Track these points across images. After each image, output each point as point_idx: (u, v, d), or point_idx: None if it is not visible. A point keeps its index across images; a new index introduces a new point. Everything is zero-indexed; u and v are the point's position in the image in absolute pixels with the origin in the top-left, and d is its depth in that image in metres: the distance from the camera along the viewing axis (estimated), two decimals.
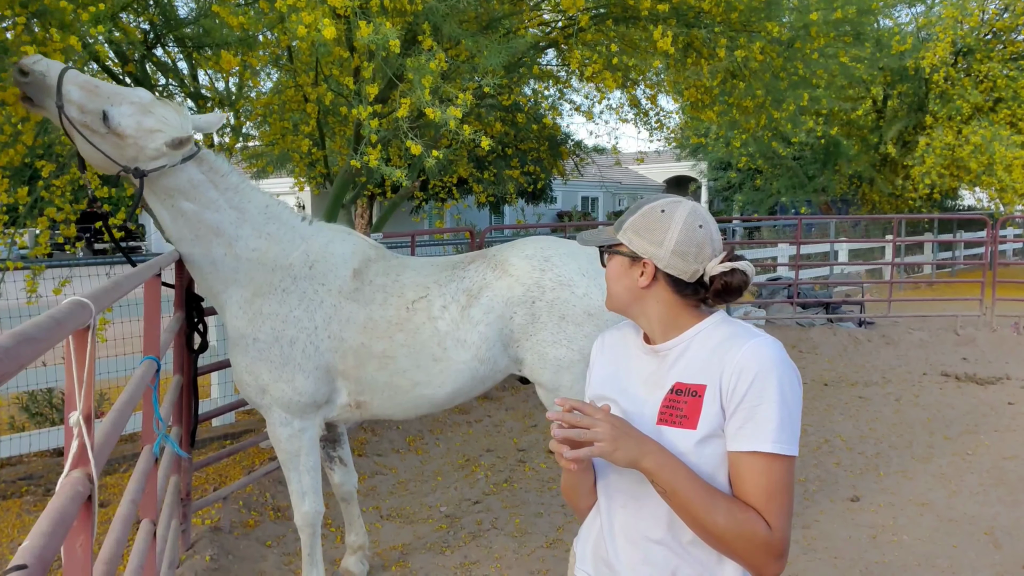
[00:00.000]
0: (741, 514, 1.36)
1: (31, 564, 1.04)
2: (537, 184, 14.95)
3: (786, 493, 1.38)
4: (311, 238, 3.21)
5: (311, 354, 3.10)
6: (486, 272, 3.23)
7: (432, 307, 3.16)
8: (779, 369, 1.39)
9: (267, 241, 3.12)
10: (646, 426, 1.47)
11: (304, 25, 3.76)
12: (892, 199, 15.62)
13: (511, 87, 7.16)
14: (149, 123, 2.85)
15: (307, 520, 3.32)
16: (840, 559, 3.97)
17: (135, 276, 2.26)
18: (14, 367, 0.98)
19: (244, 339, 3.12)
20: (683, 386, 1.45)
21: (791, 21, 6.41)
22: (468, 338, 3.14)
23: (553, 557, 4.01)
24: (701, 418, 1.42)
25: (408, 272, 3.27)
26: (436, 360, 3.15)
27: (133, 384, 2.18)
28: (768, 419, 1.37)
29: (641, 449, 1.38)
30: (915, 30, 14.05)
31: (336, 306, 3.14)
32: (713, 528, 1.36)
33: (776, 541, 1.35)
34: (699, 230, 1.46)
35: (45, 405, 5.95)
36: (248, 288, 3.11)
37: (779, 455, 1.37)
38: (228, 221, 3.06)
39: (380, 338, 3.14)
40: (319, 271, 3.16)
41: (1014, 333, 9.19)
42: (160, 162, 2.90)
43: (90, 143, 2.83)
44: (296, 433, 3.20)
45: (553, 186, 19.22)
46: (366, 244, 3.37)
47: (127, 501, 2.09)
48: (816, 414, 6.62)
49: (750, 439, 1.37)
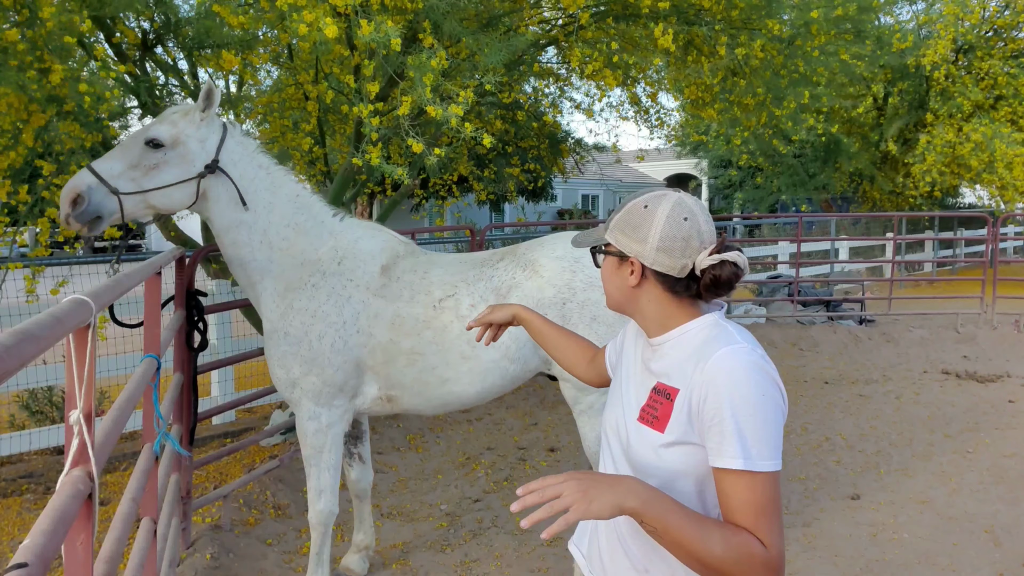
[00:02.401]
0: (735, 538, 1.28)
1: (32, 562, 1.04)
2: (538, 182, 14.96)
3: (773, 507, 1.31)
4: (340, 234, 3.24)
5: (340, 349, 3.12)
6: (515, 271, 3.24)
7: (460, 306, 3.17)
8: (752, 380, 1.32)
9: (295, 232, 3.14)
10: (630, 418, 1.49)
11: (305, 24, 3.76)
12: (893, 197, 15.61)
13: (511, 85, 7.15)
14: (177, 116, 2.94)
15: (320, 519, 3.33)
16: (840, 557, 3.97)
17: (135, 274, 2.26)
18: (15, 365, 0.98)
19: (276, 333, 3.16)
20: (662, 387, 1.44)
21: (792, 19, 6.41)
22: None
23: (553, 555, 4.01)
24: (669, 423, 1.40)
25: (436, 270, 3.27)
26: (465, 358, 3.16)
27: (134, 382, 2.18)
28: (744, 435, 1.30)
29: (617, 491, 1.27)
30: (916, 27, 14.03)
31: (364, 302, 3.16)
32: (711, 559, 1.27)
33: (772, 559, 1.29)
34: (684, 223, 1.40)
35: (46, 403, 5.95)
36: (281, 281, 3.16)
37: (760, 472, 1.30)
38: (262, 204, 3.10)
39: (408, 335, 3.15)
40: (348, 267, 3.19)
41: (1015, 331, 9.19)
42: (214, 139, 2.97)
43: (165, 186, 2.89)
44: (323, 428, 3.22)
45: (553, 184, 19.21)
46: (396, 241, 3.38)
47: (127, 499, 2.09)
48: (816, 412, 6.62)
49: (730, 457, 1.30)
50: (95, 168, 2.82)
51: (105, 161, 2.85)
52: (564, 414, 6.21)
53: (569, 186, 27.80)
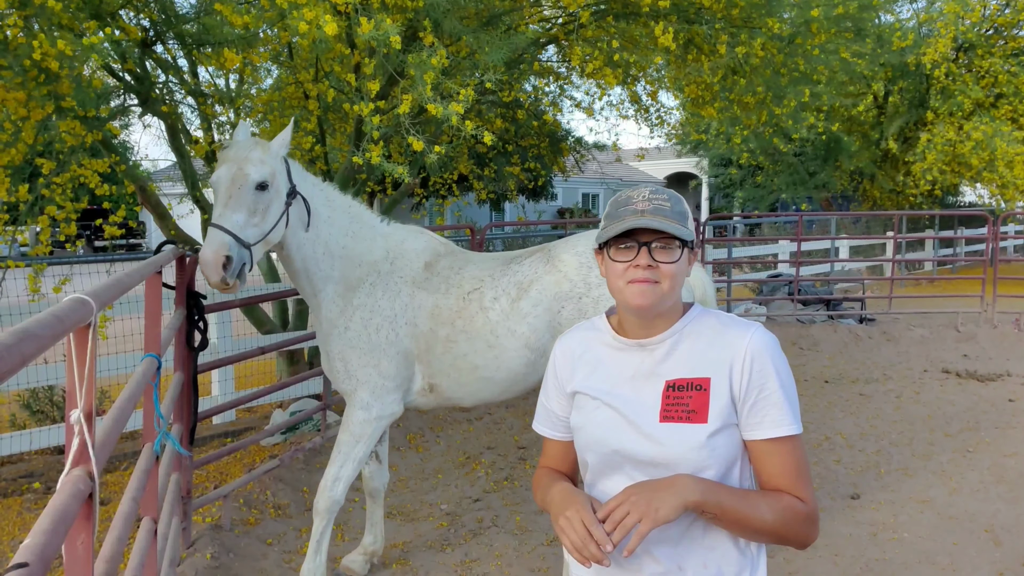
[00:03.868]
0: (779, 503, 1.40)
1: (32, 562, 1.04)
2: (538, 181, 14.96)
3: (807, 465, 1.45)
4: (389, 236, 3.53)
5: (393, 340, 3.39)
6: (538, 267, 3.45)
7: (484, 298, 3.41)
8: (778, 356, 1.46)
9: (352, 239, 3.41)
10: (649, 424, 1.44)
11: (306, 22, 3.76)
12: (893, 195, 15.60)
13: (512, 83, 7.15)
14: (258, 153, 3.03)
15: (328, 505, 3.42)
16: (840, 556, 3.97)
17: (136, 273, 2.26)
18: (16, 364, 0.98)
19: (336, 329, 3.41)
20: (684, 381, 1.43)
21: (792, 17, 6.40)
22: (518, 328, 3.37)
23: (553, 555, 4.01)
24: (711, 412, 1.41)
25: (470, 266, 3.55)
26: (490, 347, 3.39)
27: (134, 382, 2.18)
28: (781, 404, 1.42)
29: (676, 491, 1.35)
30: (916, 26, 14.01)
31: (411, 295, 3.44)
32: (764, 527, 1.39)
33: (811, 510, 1.42)
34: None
35: (46, 403, 5.96)
36: (341, 284, 3.41)
37: (796, 435, 1.43)
38: (323, 220, 3.34)
39: (444, 324, 3.42)
40: (398, 265, 3.48)
41: (1015, 330, 9.19)
42: (283, 168, 3.13)
43: (275, 223, 3.06)
44: (370, 419, 3.41)
45: (554, 183, 19.22)
46: (436, 241, 3.67)
47: (128, 499, 2.09)
48: (817, 411, 6.62)
49: (773, 426, 1.42)
50: (225, 226, 2.89)
51: (228, 216, 2.91)
52: None
53: (569, 185, 27.81)
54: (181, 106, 5.92)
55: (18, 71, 3.73)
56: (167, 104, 5.25)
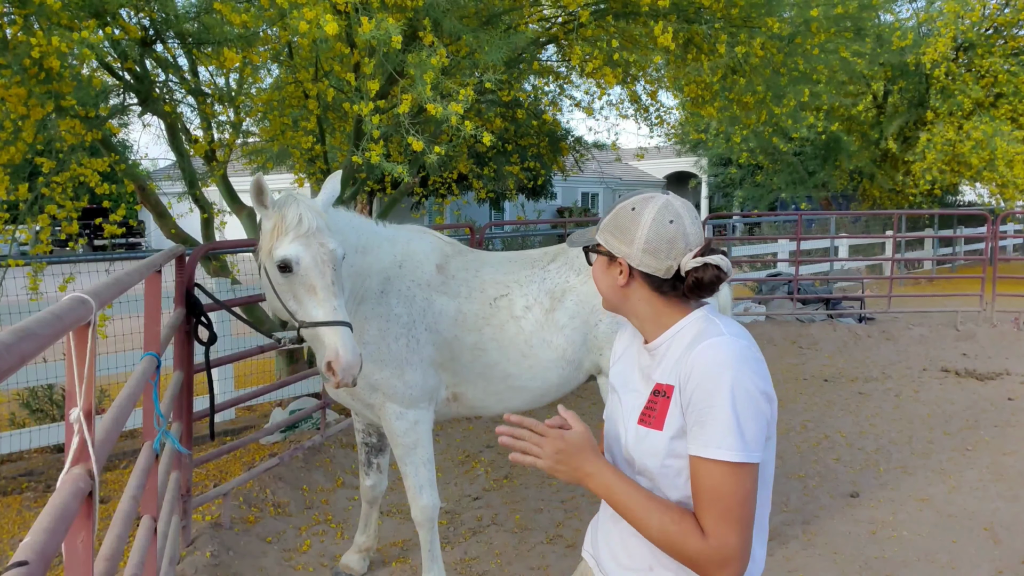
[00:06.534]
0: (673, 526, 1.34)
1: (32, 560, 1.05)
2: (537, 180, 14.94)
3: (730, 500, 1.31)
4: (394, 239, 3.34)
5: (414, 347, 3.21)
6: (568, 275, 3.34)
7: (514, 307, 3.30)
8: (733, 370, 1.34)
9: (361, 255, 3.18)
10: (631, 424, 1.50)
11: (306, 21, 3.76)
12: (893, 195, 15.61)
13: (511, 83, 7.15)
14: (322, 220, 2.79)
15: (426, 514, 3.33)
16: (840, 554, 3.98)
17: (136, 272, 2.26)
18: (15, 362, 0.98)
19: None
20: (660, 386, 1.46)
21: (792, 17, 6.41)
22: (554, 340, 3.29)
23: (553, 553, 4.01)
24: (667, 419, 1.42)
25: (487, 268, 3.41)
26: (524, 356, 3.29)
27: (134, 380, 2.18)
28: (714, 423, 1.32)
29: (580, 472, 1.43)
30: (916, 25, 14.02)
31: (428, 299, 3.27)
32: (648, 533, 1.39)
33: (711, 550, 1.31)
34: (670, 225, 1.43)
35: (46, 401, 5.96)
36: (354, 298, 3.16)
37: (721, 461, 1.31)
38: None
39: (471, 331, 3.28)
40: (408, 268, 3.29)
41: (1014, 329, 9.19)
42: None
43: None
44: (412, 426, 3.26)
45: (553, 182, 19.19)
46: (441, 241, 3.51)
47: (128, 497, 2.09)
48: (816, 410, 6.62)
49: (695, 443, 1.35)
50: (347, 320, 2.71)
51: (341, 305, 2.72)
52: None
53: (569, 184, 27.75)
54: (181, 105, 5.93)
55: (17, 69, 3.74)
56: (167, 103, 5.25)
